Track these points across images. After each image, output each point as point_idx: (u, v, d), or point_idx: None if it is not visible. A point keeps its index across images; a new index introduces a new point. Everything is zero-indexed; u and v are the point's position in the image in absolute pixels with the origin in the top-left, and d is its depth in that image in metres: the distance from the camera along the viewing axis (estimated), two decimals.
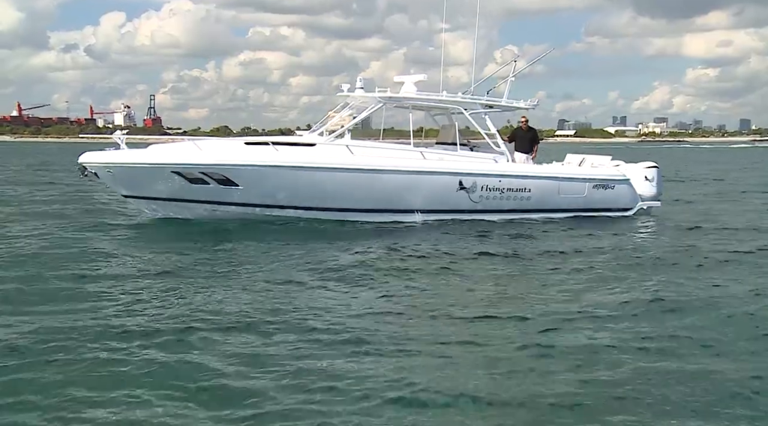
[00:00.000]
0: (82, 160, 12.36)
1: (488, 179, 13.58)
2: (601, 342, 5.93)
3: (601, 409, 4.56)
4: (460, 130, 14.42)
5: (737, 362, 5.43)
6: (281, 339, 5.88)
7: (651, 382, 4.99)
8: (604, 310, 6.98)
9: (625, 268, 9.31)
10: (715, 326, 6.42)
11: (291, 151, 12.73)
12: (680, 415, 4.50)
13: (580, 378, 5.06)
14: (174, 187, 12.32)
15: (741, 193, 21.71)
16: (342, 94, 14.08)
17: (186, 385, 4.81)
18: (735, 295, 7.67)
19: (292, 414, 4.41)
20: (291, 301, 7.20)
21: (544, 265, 9.53)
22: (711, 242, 11.44)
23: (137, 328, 6.06)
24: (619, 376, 5.10)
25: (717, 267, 9.32)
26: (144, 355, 5.37)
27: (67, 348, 5.49)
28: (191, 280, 8.07)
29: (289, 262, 9.36)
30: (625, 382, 4.99)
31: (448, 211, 13.42)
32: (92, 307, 6.77)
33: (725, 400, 4.72)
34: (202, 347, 5.59)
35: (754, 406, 4.65)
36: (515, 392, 4.82)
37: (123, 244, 10.60)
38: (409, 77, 14.34)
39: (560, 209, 14.14)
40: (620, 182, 14.57)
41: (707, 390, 4.88)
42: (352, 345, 5.72)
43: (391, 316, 6.74)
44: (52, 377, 4.91)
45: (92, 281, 7.91)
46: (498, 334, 6.21)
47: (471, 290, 8.03)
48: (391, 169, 12.96)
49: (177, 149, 12.81)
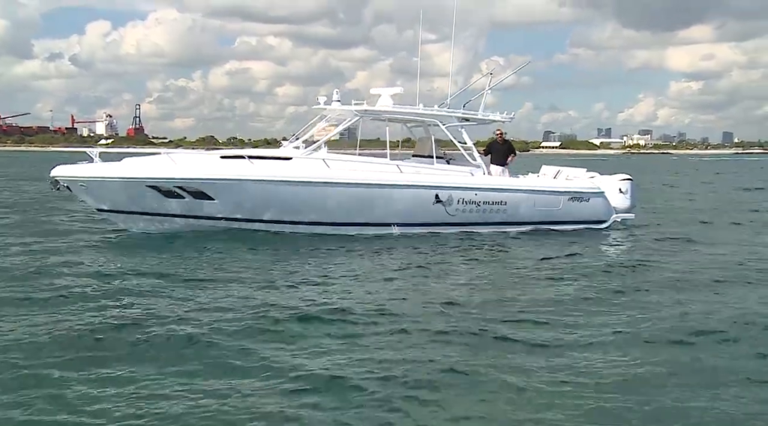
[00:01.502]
0: (54, 173, 12.28)
1: (464, 192, 13.64)
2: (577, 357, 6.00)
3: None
4: (436, 142, 14.50)
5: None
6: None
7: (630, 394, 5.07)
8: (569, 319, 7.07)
9: (596, 282, 9.36)
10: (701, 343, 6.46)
11: (267, 165, 12.73)
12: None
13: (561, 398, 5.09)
14: (148, 201, 12.27)
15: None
16: (318, 106, 14.11)
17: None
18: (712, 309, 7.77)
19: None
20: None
21: (514, 278, 9.63)
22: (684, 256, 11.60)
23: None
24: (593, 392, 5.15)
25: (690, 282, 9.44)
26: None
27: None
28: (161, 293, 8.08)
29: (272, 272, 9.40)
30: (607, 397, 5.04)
31: (425, 224, 13.46)
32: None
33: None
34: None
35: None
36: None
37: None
38: (385, 90, 14.41)
39: (536, 221, 14.21)
40: (595, 195, 14.68)
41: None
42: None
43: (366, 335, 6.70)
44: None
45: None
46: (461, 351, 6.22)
47: (443, 303, 8.00)
48: (368, 183, 13.00)
49: (152, 163, 12.75)
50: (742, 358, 5.98)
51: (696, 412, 4.81)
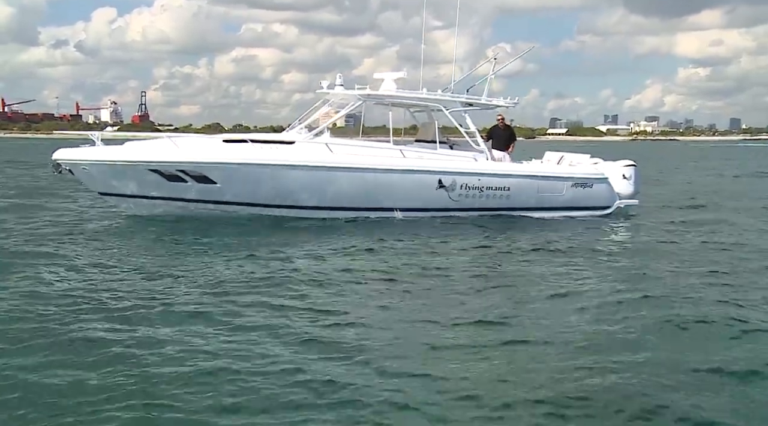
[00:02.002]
0: (56, 156, 12.31)
1: (467, 178, 13.61)
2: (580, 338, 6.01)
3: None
4: (440, 128, 14.45)
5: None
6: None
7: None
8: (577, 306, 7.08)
9: (598, 265, 9.40)
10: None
11: (269, 149, 12.71)
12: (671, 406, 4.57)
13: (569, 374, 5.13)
14: (151, 184, 12.28)
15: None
16: (322, 91, 14.07)
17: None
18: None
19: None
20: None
21: (516, 263, 9.61)
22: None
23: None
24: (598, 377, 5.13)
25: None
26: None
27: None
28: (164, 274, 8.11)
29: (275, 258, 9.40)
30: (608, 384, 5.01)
31: (428, 209, 13.45)
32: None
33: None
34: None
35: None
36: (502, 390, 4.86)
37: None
38: (388, 74, 14.35)
39: (539, 208, 14.17)
40: (599, 181, 14.61)
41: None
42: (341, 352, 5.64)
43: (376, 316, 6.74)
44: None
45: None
46: (468, 335, 6.21)
47: (450, 289, 8.00)
48: (371, 168, 12.98)
49: (154, 147, 12.77)
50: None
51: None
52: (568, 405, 4.59)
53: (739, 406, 4.65)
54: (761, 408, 4.65)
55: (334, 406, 4.51)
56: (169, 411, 4.40)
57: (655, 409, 4.53)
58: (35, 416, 4.29)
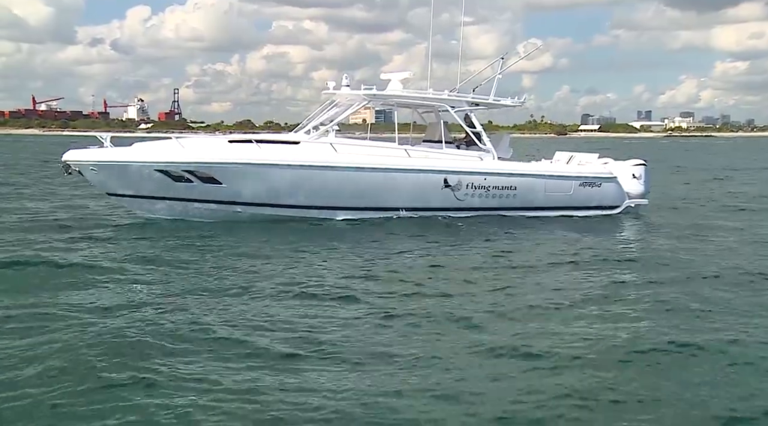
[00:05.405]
0: (65, 158, 12.59)
1: (473, 177, 13.59)
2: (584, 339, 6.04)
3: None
4: (449, 128, 14.44)
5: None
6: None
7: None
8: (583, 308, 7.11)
9: (605, 268, 9.25)
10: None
11: (274, 149, 12.85)
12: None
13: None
14: (158, 185, 12.50)
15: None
16: (328, 91, 14.17)
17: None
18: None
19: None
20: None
21: (523, 264, 9.53)
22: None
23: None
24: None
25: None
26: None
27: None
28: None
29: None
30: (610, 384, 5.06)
31: (433, 209, 13.46)
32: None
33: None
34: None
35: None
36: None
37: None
38: (395, 74, 14.41)
39: (546, 207, 14.08)
40: (607, 180, 14.45)
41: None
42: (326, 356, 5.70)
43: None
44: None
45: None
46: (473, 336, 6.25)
47: (455, 288, 8.05)
48: (376, 168, 13.03)
49: (161, 147, 12.98)
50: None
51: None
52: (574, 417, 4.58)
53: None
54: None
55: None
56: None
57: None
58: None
